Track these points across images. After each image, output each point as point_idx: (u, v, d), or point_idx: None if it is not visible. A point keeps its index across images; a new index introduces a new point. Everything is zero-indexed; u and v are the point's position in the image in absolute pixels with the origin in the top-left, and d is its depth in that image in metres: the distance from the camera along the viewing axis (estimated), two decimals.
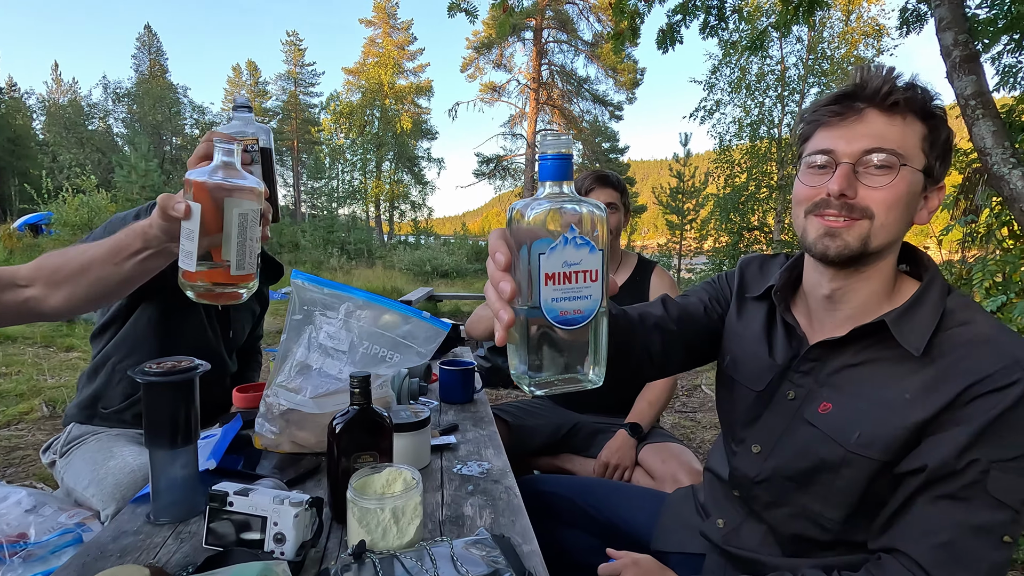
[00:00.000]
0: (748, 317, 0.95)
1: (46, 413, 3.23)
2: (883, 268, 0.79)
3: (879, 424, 0.74)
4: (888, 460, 0.73)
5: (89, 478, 1.28)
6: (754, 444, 0.88)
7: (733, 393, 0.94)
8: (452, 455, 1.08)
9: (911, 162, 0.73)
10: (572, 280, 0.49)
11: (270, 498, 0.72)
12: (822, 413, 0.80)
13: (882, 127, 0.74)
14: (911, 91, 0.74)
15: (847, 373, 0.79)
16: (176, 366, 0.80)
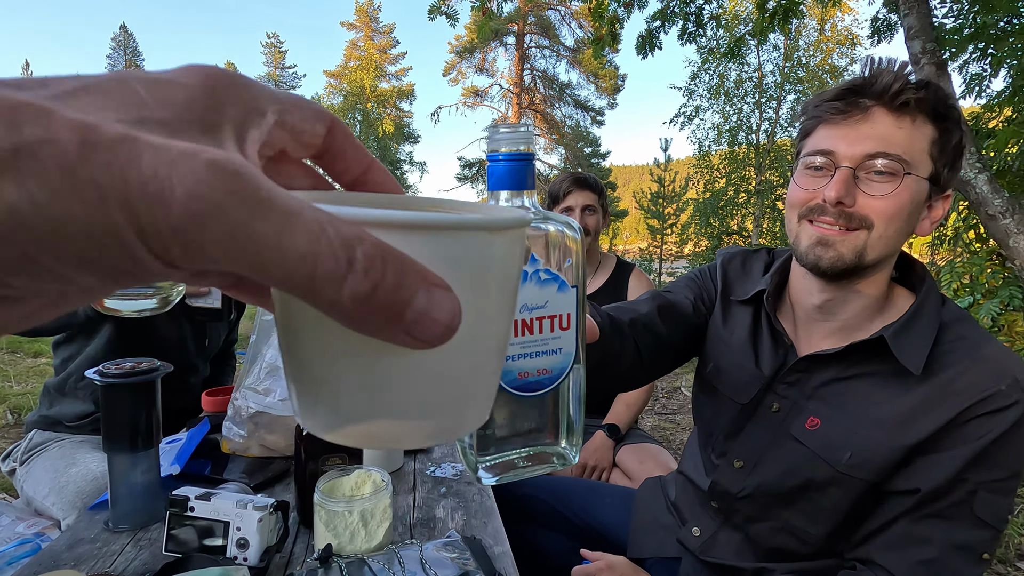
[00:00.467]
0: (733, 323, 0.89)
1: (11, 421, 3.13)
2: (878, 280, 0.75)
3: (871, 444, 0.71)
4: (878, 480, 0.71)
5: (49, 486, 1.24)
6: (736, 459, 0.84)
7: (715, 402, 0.89)
8: (426, 457, 1.06)
9: (916, 169, 0.68)
10: (534, 330, 0.35)
11: (233, 502, 0.70)
12: (810, 429, 0.77)
13: (889, 129, 0.68)
14: (924, 90, 0.67)
15: (836, 387, 0.76)
16: (136, 367, 0.77)
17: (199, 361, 1.61)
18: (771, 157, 11.52)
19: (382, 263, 0.14)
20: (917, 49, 2.70)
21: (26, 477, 1.34)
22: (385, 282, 0.14)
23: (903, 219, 0.69)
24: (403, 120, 31.11)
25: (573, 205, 1.75)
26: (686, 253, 13.90)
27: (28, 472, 1.34)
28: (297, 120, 0.18)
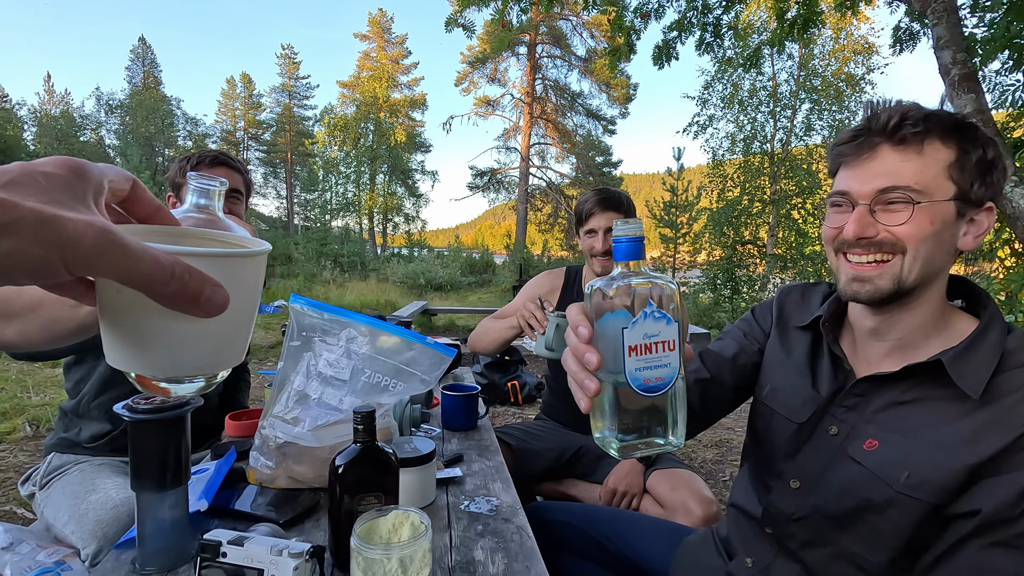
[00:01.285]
0: (790, 346, 0.92)
1: (29, 433, 3.13)
2: (929, 299, 0.75)
3: (930, 465, 0.70)
4: (939, 503, 0.69)
5: (69, 514, 1.21)
6: (793, 479, 0.84)
7: (771, 425, 0.90)
8: (458, 489, 1.02)
9: (932, 195, 0.70)
10: (652, 351, 0.52)
11: (267, 548, 0.66)
12: (868, 450, 0.76)
13: (895, 163, 0.72)
14: (925, 120, 0.71)
15: (896, 410, 0.76)
16: (165, 401, 0.74)
17: None
18: (786, 166, 11.43)
19: (188, 274, 0.27)
20: (947, 59, 2.64)
21: (46, 502, 1.31)
22: (189, 284, 0.27)
23: (932, 240, 0.71)
24: (415, 129, 31.31)
25: (596, 228, 1.70)
26: (699, 262, 13.81)
27: (48, 497, 1.32)
28: (116, 183, 0.30)
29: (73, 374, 1.47)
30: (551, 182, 23.94)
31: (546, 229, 24.27)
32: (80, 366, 1.46)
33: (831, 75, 11.58)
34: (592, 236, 1.71)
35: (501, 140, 24.33)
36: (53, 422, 3.29)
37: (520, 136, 23.28)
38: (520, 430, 1.76)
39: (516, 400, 4.12)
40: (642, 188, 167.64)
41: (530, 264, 15.71)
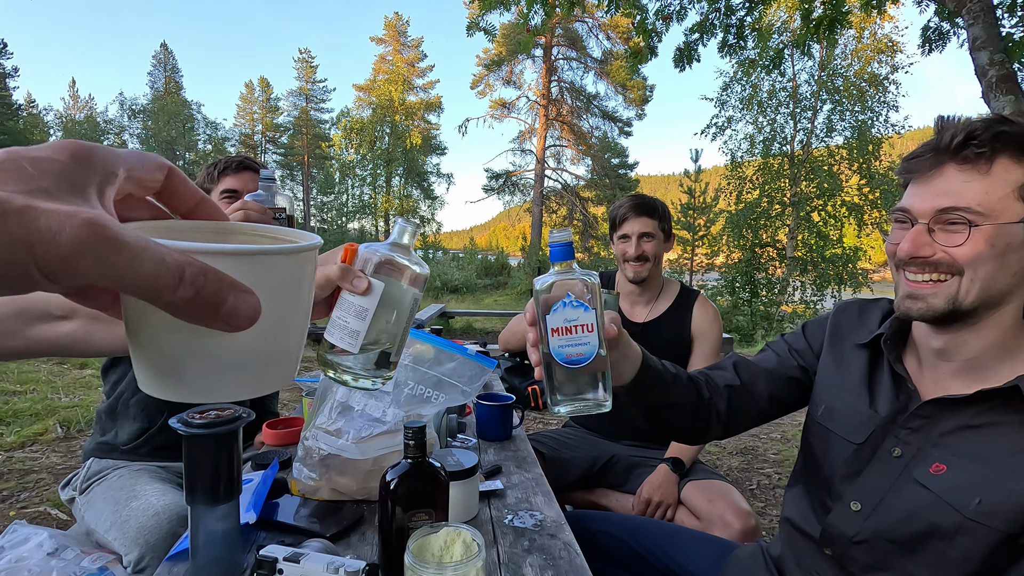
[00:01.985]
0: (846, 365, 0.90)
1: (60, 434, 3.19)
2: (998, 321, 0.73)
3: (1005, 492, 0.68)
4: (1013, 531, 0.67)
5: (111, 520, 1.22)
6: (854, 501, 0.82)
7: (828, 445, 0.88)
8: (500, 503, 1.01)
9: (996, 217, 0.69)
10: (572, 332, 0.66)
11: (323, 566, 0.66)
12: (935, 474, 0.74)
13: (958, 183, 0.71)
14: (993, 140, 0.69)
15: (966, 434, 0.73)
16: (219, 416, 0.74)
17: None
18: (807, 168, 11.25)
19: (203, 277, 0.22)
20: (984, 60, 2.58)
21: (87, 507, 1.33)
22: (204, 289, 0.22)
23: (993, 263, 0.70)
24: (430, 132, 31.46)
25: (629, 233, 1.69)
26: (718, 264, 13.67)
27: (89, 503, 1.33)
28: (141, 172, 0.26)
29: (111, 376, 1.50)
30: (566, 184, 23.89)
31: None
32: (117, 367, 1.49)
33: (854, 75, 11.38)
34: (625, 241, 1.70)
35: (516, 142, 24.35)
36: (83, 423, 3.35)
37: (535, 138, 23.27)
38: (552, 438, 1.75)
39: (536, 404, 4.10)
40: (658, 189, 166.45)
41: (546, 267, 15.70)
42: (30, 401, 3.62)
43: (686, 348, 1.75)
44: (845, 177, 11.63)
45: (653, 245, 1.68)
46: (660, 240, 1.70)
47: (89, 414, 3.46)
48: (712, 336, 1.74)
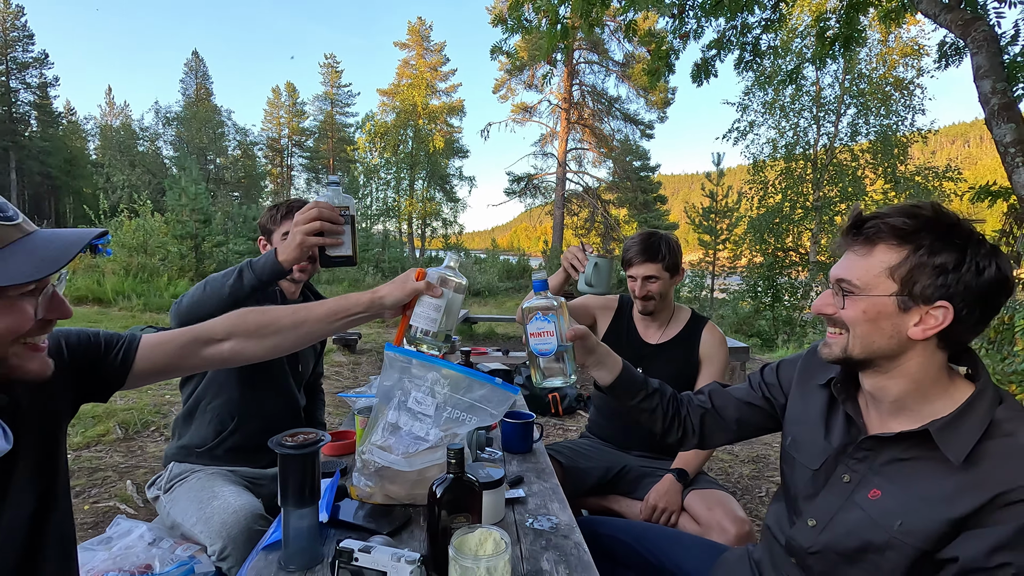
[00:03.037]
0: (810, 402, 1.06)
1: (120, 435, 3.49)
2: (907, 371, 0.86)
3: (919, 516, 0.82)
4: (927, 548, 0.81)
5: (196, 516, 1.45)
6: (811, 518, 0.97)
7: (794, 470, 1.04)
8: (523, 508, 1.21)
9: (870, 290, 0.85)
10: (541, 336, 1.06)
11: (388, 555, 0.87)
12: (871, 499, 0.89)
13: (850, 259, 0.89)
14: (876, 229, 0.84)
15: (897, 466, 0.88)
16: (306, 439, 0.96)
17: (295, 388, 1.82)
18: (830, 172, 11.19)
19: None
20: (987, 89, 2.68)
21: (172, 505, 1.56)
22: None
23: (867, 326, 0.86)
24: (453, 136, 31.85)
25: (636, 275, 1.88)
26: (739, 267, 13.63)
27: (173, 501, 1.57)
28: None
29: (188, 387, 1.73)
30: (588, 187, 23.99)
31: (583, 234, 24.31)
32: (192, 380, 1.72)
33: (879, 78, 11.28)
34: (633, 281, 1.89)
35: (538, 146, 24.53)
36: (139, 425, 3.65)
37: (557, 141, 23.42)
38: (569, 448, 1.94)
39: (556, 411, 4.29)
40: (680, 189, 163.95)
41: None
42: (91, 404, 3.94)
43: (694, 368, 1.92)
44: (869, 181, 11.53)
45: (657, 285, 1.86)
46: (665, 279, 1.87)
47: (144, 416, 3.77)
48: (718, 359, 1.92)
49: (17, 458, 0.75)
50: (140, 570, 1.28)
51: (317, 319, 1.05)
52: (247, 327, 1.00)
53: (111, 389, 0.93)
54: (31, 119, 32.96)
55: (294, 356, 1.79)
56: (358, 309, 1.08)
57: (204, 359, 0.98)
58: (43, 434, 0.81)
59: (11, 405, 0.77)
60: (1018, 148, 2.53)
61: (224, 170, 35.43)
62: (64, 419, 0.88)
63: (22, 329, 0.69)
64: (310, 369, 1.95)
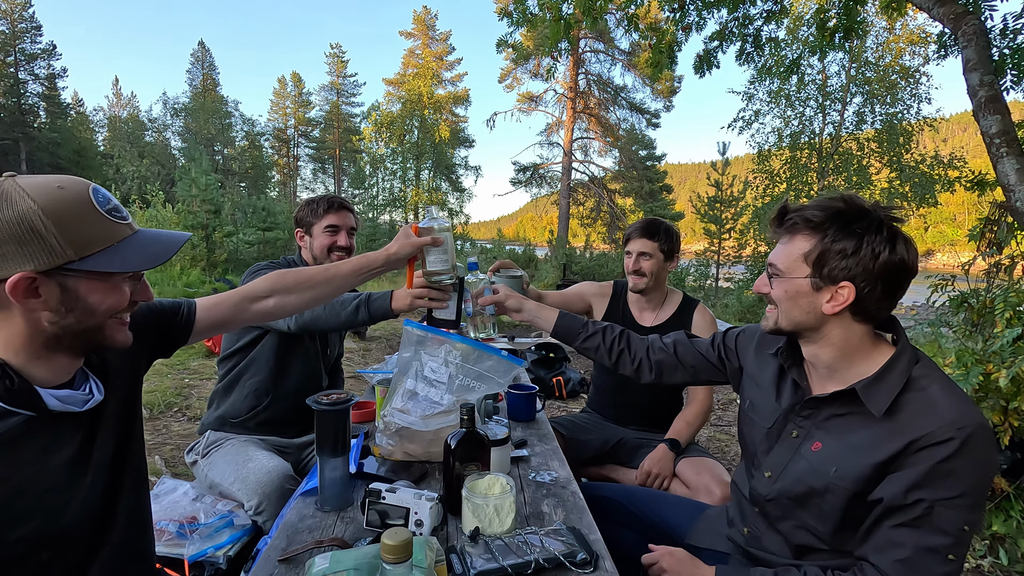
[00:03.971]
0: (764, 369, 1.20)
1: (146, 416, 3.68)
2: (830, 340, 1.00)
3: (850, 463, 0.96)
4: (858, 490, 0.95)
5: (234, 476, 1.61)
6: (767, 470, 1.11)
7: (752, 429, 1.19)
8: (526, 465, 1.36)
9: (789, 273, 1.00)
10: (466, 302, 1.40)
11: (411, 495, 1.02)
12: (814, 451, 1.03)
13: (777, 248, 1.04)
14: (793, 220, 0.99)
15: (835, 421, 1.02)
16: (339, 398, 1.11)
17: (323, 369, 1.98)
18: (835, 161, 11.20)
19: None
20: (975, 81, 2.78)
21: (210, 468, 1.72)
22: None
23: (789, 303, 1.01)
24: (458, 125, 31.85)
25: (632, 251, 2.02)
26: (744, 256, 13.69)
27: (211, 464, 1.73)
28: None
29: (228, 363, 1.87)
30: (594, 176, 24.00)
31: (588, 223, 24.37)
32: (233, 356, 1.86)
33: (885, 67, 11.24)
34: (629, 256, 2.02)
35: (544, 135, 24.53)
36: (163, 407, 3.84)
37: (563, 131, 23.41)
38: (570, 422, 2.09)
39: (561, 395, 4.45)
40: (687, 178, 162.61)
41: (572, 259, 15.93)
42: None
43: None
44: (875, 170, 11.54)
45: (651, 263, 1.99)
46: (659, 259, 2.00)
47: (167, 398, 3.96)
48: (706, 327, 2.06)
49: (106, 407, 0.91)
50: (187, 520, 1.45)
51: (345, 275, 1.22)
52: (286, 284, 1.16)
53: (177, 345, 1.09)
54: (40, 110, 33.19)
55: (324, 340, 1.95)
56: (377, 264, 1.25)
57: (253, 313, 1.14)
58: (126, 387, 0.97)
59: (102, 364, 0.93)
60: (1003, 139, 2.64)
61: (232, 161, 35.63)
62: (141, 373, 1.03)
63: (120, 307, 0.85)
64: (336, 351, 2.10)
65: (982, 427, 0.89)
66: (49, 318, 0.79)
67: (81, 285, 0.80)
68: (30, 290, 0.76)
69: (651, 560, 1.19)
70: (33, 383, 0.80)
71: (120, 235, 0.82)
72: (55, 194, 0.76)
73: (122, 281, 0.84)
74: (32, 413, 0.79)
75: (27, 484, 0.78)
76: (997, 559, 2.09)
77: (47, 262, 0.75)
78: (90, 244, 0.78)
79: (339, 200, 1.90)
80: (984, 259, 2.66)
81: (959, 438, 0.87)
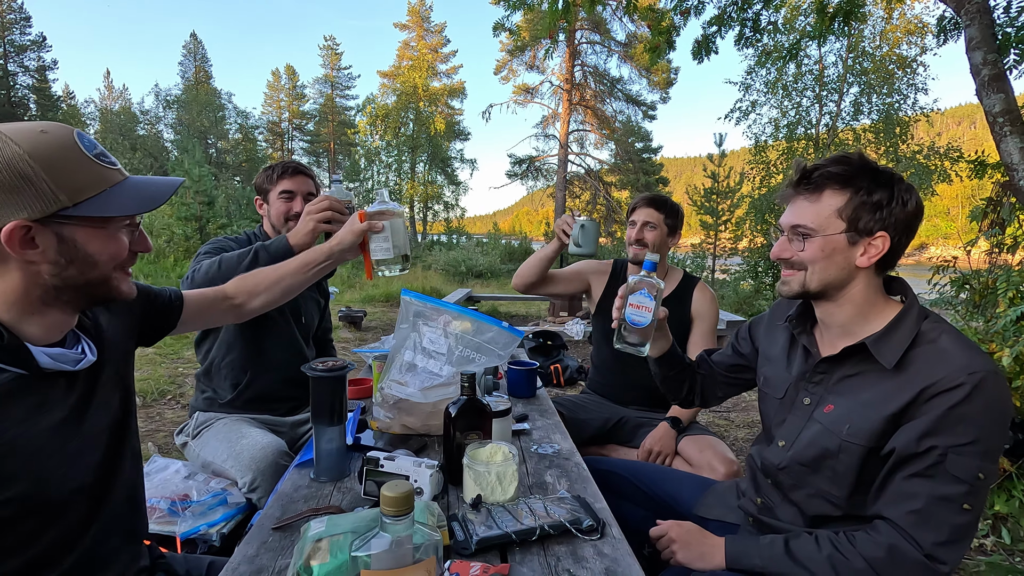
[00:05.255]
0: (775, 342, 1.19)
1: (139, 403, 3.63)
2: (851, 297, 0.99)
3: (862, 418, 0.95)
4: (872, 446, 0.93)
5: (227, 453, 1.57)
6: (781, 440, 1.10)
7: (767, 403, 1.17)
8: (528, 439, 1.33)
9: (824, 231, 0.96)
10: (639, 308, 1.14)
11: (411, 462, 0.98)
12: (826, 413, 1.01)
13: (800, 208, 1.00)
14: (819, 177, 0.96)
15: (846, 382, 1.01)
16: (334, 365, 1.07)
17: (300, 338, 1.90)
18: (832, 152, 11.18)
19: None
20: (978, 60, 2.75)
21: (202, 447, 1.68)
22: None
23: (825, 260, 0.97)
24: (454, 118, 31.68)
25: (636, 220, 1.98)
26: (740, 249, 13.67)
27: (203, 444, 1.68)
28: None
29: (203, 347, 1.84)
30: (590, 169, 23.93)
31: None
32: (206, 340, 1.83)
33: (882, 56, 11.20)
34: (632, 226, 1.99)
35: (540, 127, 24.43)
36: (156, 394, 3.80)
37: (559, 123, 23.32)
38: (571, 402, 2.06)
39: (559, 382, 4.42)
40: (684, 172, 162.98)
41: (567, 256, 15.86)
42: None
43: (687, 327, 2.03)
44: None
45: (655, 234, 1.95)
46: (663, 232, 1.97)
47: (160, 386, 3.91)
48: (709, 317, 2.02)
49: (100, 373, 0.87)
50: (179, 497, 1.41)
51: (292, 272, 1.23)
52: (247, 287, 1.21)
53: (163, 331, 1.08)
54: (30, 103, 32.83)
55: (296, 308, 1.88)
56: (322, 258, 1.23)
57: (225, 311, 1.21)
58: (119, 358, 0.93)
59: (95, 327, 0.89)
60: (1006, 118, 2.61)
61: (225, 154, 35.36)
62: (132, 349, 1.00)
63: (121, 256, 0.82)
64: (315, 320, 2.03)
65: (993, 373, 0.87)
66: (49, 270, 0.76)
67: (78, 234, 0.77)
68: (26, 240, 0.73)
69: (659, 532, 1.16)
70: (24, 340, 0.76)
71: (112, 179, 0.78)
72: (40, 138, 0.73)
73: (119, 229, 0.81)
74: (23, 371, 0.76)
75: (15, 445, 0.74)
76: (1000, 538, 2.08)
77: (40, 209, 0.72)
78: (83, 189, 0.75)
79: (294, 164, 1.84)
80: (986, 239, 2.64)
81: (970, 383, 0.85)
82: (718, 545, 1.06)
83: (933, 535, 0.87)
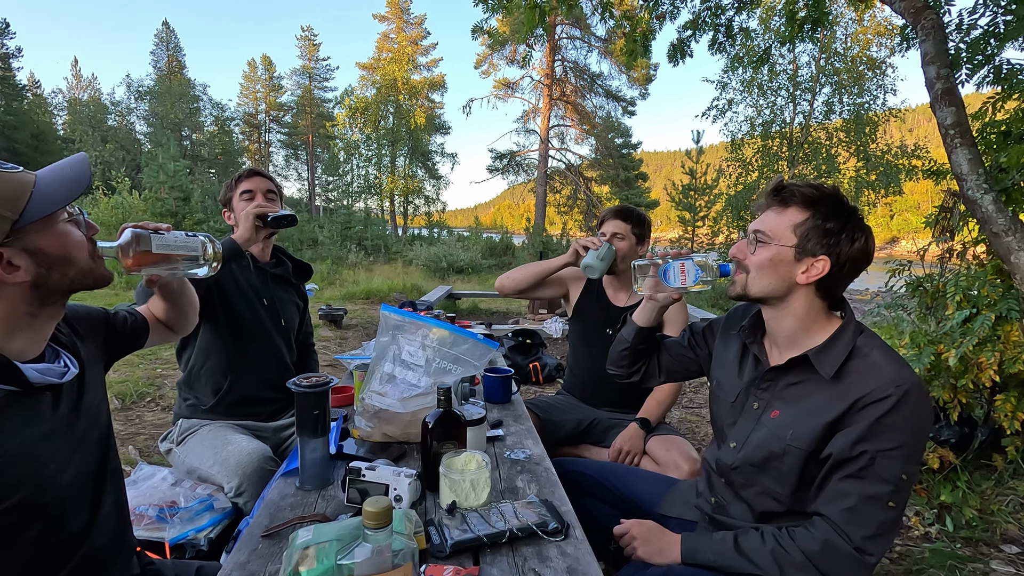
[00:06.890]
0: (728, 349, 1.29)
1: (118, 406, 3.63)
2: (793, 311, 1.09)
3: (804, 425, 1.05)
4: (811, 450, 1.04)
5: (212, 459, 1.63)
6: (732, 442, 1.19)
7: (719, 406, 1.27)
8: (502, 444, 1.41)
9: (777, 240, 1.06)
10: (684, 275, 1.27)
11: (391, 471, 1.06)
12: (773, 418, 1.11)
13: (767, 216, 1.10)
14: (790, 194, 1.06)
15: (791, 389, 1.11)
16: (318, 380, 1.13)
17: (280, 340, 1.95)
18: (805, 150, 11.47)
19: None
20: (932, 74, 2.89)
21: (187, 454, 1.73)
22: None
23: (768, 269, 1.07)
24: (434, 111, 31.49)
25: (605, 232, 2.08)
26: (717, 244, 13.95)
27: (188, 450, 1.73)
28: None
29: (184, 355, 1.88)
30: (570, 164, 24.06)
31: (565, 211, 24.47)
32: (187, 348, 1.87)
33: (853, 58, 11.51)
34: (603, 237, 2.09)
35: (520, 122, 24.46)
36: (135, 396, 3.80)
37: (539, 118, 23.36)
38: (546, 403, 2.15)
39: (537, 380, 4.52)
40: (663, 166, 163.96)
41: (549, 247, 16.01)
42: None
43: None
44: (843, 159, 11.85)
45: (623, 244, 2.06)
46: (632, 242, 2.07)
47: (139, 388, 3.91)
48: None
49: (83, 382, 0.93)
50: (167, 504, 1.46)
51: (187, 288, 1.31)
52: None
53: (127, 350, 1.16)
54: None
55: (274, 311, 1.93)
56: None
57: None
58: (97, 368, 0.99)
59: (71, 341, 0.95)
60: (957, 130, 2.75)
61: (200, 146, 34.65)
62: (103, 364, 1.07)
63: (85, 244, 0.87)
64: (295, 323, 2.07)
65: (917, 385, 0.98)
66: (35, 282, 0.82)
67: (40, 240, 0.81)
68: (6, 266, 0.79)
69: (622, 531, 1.25)
70: (10, 359, 0.81)
71: (29, 181, 0.81)
72: None
73: (66, 223, 0.86)
74: (15, 388, 0.81)
75: (14, 456, 0.80)
76: (944, 526, 2.23)
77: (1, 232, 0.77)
78: (15, 199, 0.78)
79: (251, 168, 1.99)
80: (938, 245, 2.79)
81: (897, 395, 0.96)
82: (675, 541, 1.16)
83: (863, 530, 0.97)
